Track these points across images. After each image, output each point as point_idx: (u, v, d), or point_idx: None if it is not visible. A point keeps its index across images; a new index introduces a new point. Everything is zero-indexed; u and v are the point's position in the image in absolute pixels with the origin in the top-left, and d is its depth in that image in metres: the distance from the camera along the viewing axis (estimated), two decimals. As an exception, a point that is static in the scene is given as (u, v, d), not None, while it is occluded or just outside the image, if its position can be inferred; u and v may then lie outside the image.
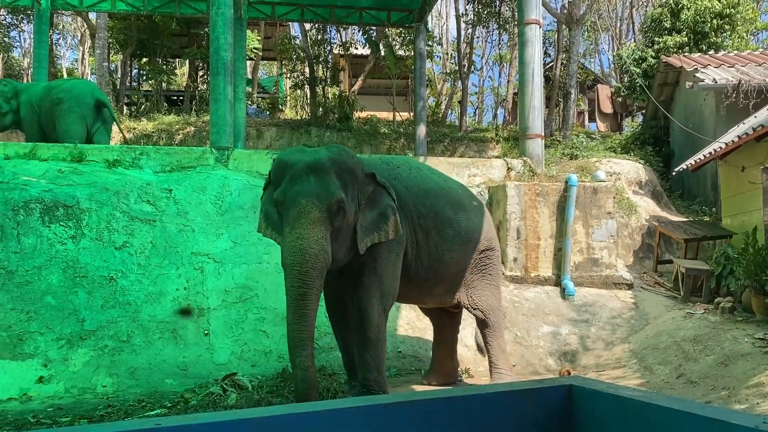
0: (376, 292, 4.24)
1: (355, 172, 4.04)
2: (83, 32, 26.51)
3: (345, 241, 3.99)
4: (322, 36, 21.08)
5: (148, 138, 17.20)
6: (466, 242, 4.92)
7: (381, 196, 4.17)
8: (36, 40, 14.94)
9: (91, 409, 4.65)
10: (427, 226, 4.63)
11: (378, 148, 17.34)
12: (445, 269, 4.82)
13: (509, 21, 20.42)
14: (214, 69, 8.49)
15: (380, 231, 4.10)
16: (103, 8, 15.67)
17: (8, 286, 5.73)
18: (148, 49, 21.30)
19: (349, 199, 3.91)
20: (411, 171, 4.85)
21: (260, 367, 5.75)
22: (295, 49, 21.65)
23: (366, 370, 4.24)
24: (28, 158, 7.27)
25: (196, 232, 6.74)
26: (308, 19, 17.03)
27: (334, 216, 3.79)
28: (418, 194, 4.66)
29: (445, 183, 5.06)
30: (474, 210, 5.13)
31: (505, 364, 5.27)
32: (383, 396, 1.64)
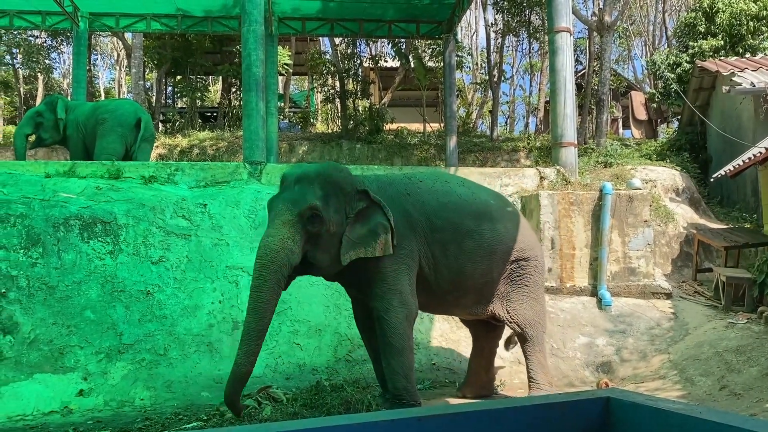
0: (393, 300, 4.29)
1: (340, 185, 4.28)
2: (120, 52, 27.22)
3: (328, 250, 4.19)
4: (351, 50, 21.26)
5: (183, 154, 17.53)
6: (491, 253, 4.82)
7: (374, 214, 4.30)
8: (75, 61, 15.41)
9: (130, 422, 4.71)
10: (443, 239, 4.61)
11: (408, 160, 17.36)
12: (469, 281, 4.77)
13: (539, 29, 20.30)
14: (247, 85, 8.62)
15: (367, 247, 4.23)
16: (138, 28, 16.08)
17: (49, 301, 5.87)
18: (183, 67, 21.77)
19: (330, 210, 4.16)
20: (435, 184, 4.84)
21: (294, 379, 5.77)
22: (326, 64, 21.86)
23: (394, 379, 4.26)
24: (67, 176, 7.46)
25: (230, 245, 6.82)
26: (338, 34, 17.19)
27: (308, 222, 4.04)
28: (435, 208, 4.65)
29: (471, 195, 4.97)
30: (503, 220, 4.99)
31: (545, 380, 5.11)
32: (417, 409, 1.63)
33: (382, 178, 4.82)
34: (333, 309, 6.54)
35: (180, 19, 15.36)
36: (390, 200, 4.44)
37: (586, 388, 6.05)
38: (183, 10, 15.10)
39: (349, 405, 4.65)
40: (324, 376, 5.73)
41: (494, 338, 5.52)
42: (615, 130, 22.08)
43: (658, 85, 17.03)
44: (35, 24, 15.55)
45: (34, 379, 5.34)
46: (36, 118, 10.08)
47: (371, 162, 17.19)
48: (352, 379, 5.57)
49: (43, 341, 5.60)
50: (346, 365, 6.07)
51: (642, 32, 27.25)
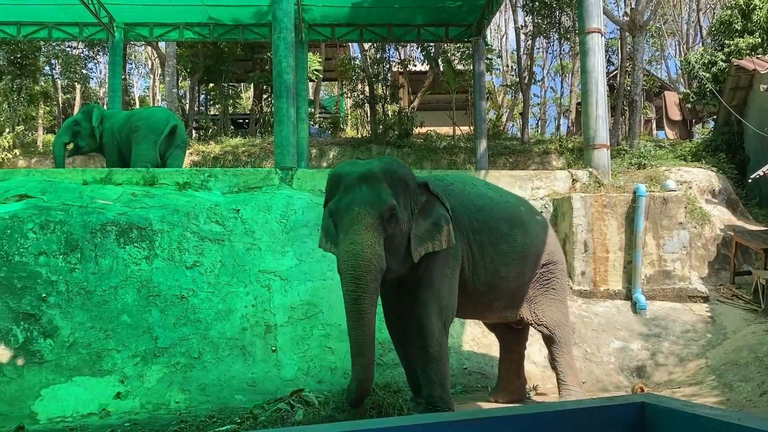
0: (435, 306, 4.22)
1: (406, 181, 4.10)
2: (154, 61, 27.76)
3: (399, 250, 4.02)
4: (381, 55, 21.33)
5: (216, 160, 17.79)
6: (524, 257, 4.81)
7: (434, 206, 4.20)
8: (111, 70, 15.76)
9: (165, 424, 4.79)
10: (481, 241, 4.59)
11: (438, 163, 17.32)
12: (503, 284, 4.75)
13: (570, 30, 20.11)
14: (278, 91, 8.71)
15: (434, 240, 4.11)
16: (171, 37, 16.37)
17: (87, 306, 6.00)
18: (215, 75, 22.09)
19: (401, 207, 3.96)
20: (465, 187, 4.81)
21: (326, 383, 5.80)
22: (355, 69, 21.97)
23: (430, 387, 4.21)
24: (104, 183, 7.64)
25: (262, 250, 6.89)
26: (367, 39, 17.27)
27: (387, 223, 3.84)
28: (471, 210, 4.63)
29: (500, 198, 4.98)
30: (532, 224, 5.00)
31: (574, 381, 5.12)
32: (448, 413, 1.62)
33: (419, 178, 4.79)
34: (364, 313, 6.55)
35: (212, 27, 15.60)
36: None
37: (620, 393, 5.95)
38: (215, 19, 15.34)
39: (381, 409, 4.65)
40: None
41: (521, 342, 5.50)
42: (648, 131, 21.71)
43: (693, 84, 16.72)
44: (72, 35, 15.96)
45: (74, 381, 5.47)
46: (73, 127, 10.37)
47: (401, 166, 17.15)
48: (383, 382, 5.57)
49: (82, 345, 5.73)
50: (377, 369, 6.06)
51: (675, 31, 26.76)
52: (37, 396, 5.28)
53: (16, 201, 6.90)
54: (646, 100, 20.53)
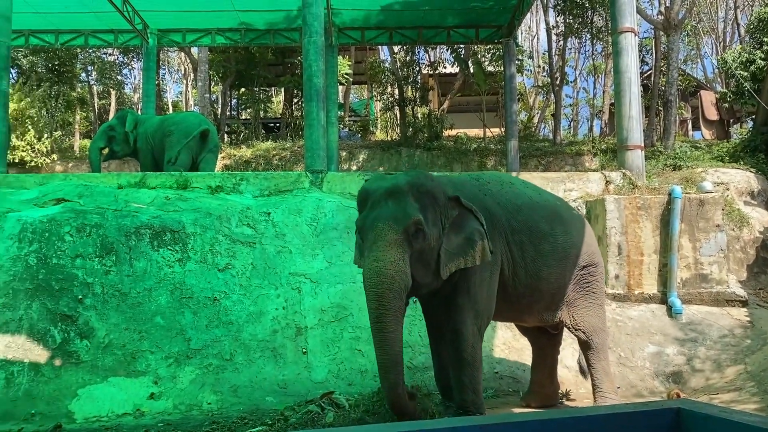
0: (470, 312, 4.15)
1: (435, 194, 3.97)
2: (186, 66, 28.21)
3: (429, 265, 3.91)
4: (410, 57, 21.33)
5: (247, 164, 17.98)
6: (565, 258, 4.69)
7: (467, 220, 4.05)
8: (144, 76, 16.08)
9: (198, 425, 4.85)
10: (521, 241, 4.48)
11: (468, 166, 17.24)
12: (544, 286, 4.63)
13: (602, 30, 19.83)
14: (308, 95, 8.77)
15: (466, 256, 3.98)
16: (204, 43, 16.62)
17: (122, 307, 6.11)
18: (246, 80, 22.35)
19: (429, 222, 3.84)
20: (502, 186, 4.70)
21: (356, 386, 5.80)
22: (385, 72, 22.00)
23: (462, 392, 4.17)
24: (138, 187, 7.77)
25: (293, 253, 6.93)
26: (397, 42, 17.29)
27: (413, 238, 3.73)
28: (510, 210, 4.51)
29: (539, 197, 4.85)
30: (572, 224, 4.86)
31: (610, 387, 4.99)
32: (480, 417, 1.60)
33: (455, 179, 4.66)
34: (394, 316, 6.54)
35: (243, 32, 15.80)
36: (469, 200, 4.23)
37: (655, 398, 5.83)
38: (246, 24, 15.53)
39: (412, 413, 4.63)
40: (384, 385, 5.73)
41: (555, 346, 5.39)
42: (684, 131, 21.29)
43: (730, 83, 16.34)
44: (108, 42, 16.33)
45: (109, 382, 5.57)
46: (108, 132, 10.61)
47: (431, 168, 17.15)
48: (414, 386, 5.54)
49: (117, 346, 5.83)
50: (408, 372, 6.06)
51: (712, 30, 26.20)
52: (74, 396, 5.38)
53: (53, 205, 7.07)
54: (682, 100, 20.14)
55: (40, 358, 5.61)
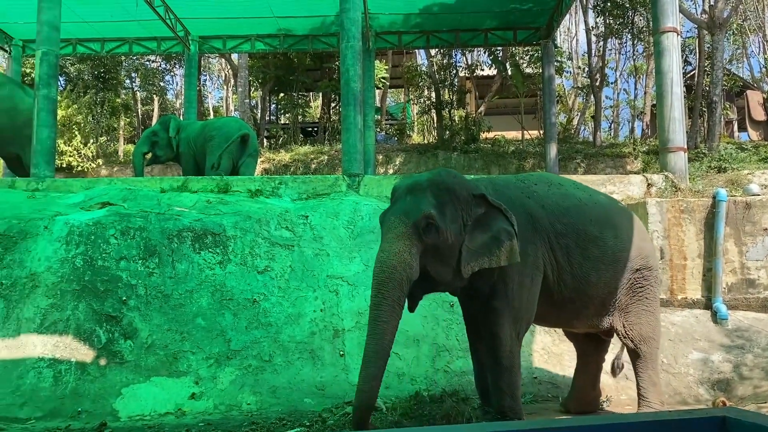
0: (508, 317, 4.09)
1: (455, 191, 3.95)
2: (227, 72, 28.69)
3: (448, 262, 3.88)
4: (447, 60, 21.29)
5: (286, 168, 18.20)
6: (615, 261, 4.51)
7: (495, 219, 3.97)
8: (186, 82, 16.43)
9: (237, 425, 4.91)
10: (568, 245, 4.34)
11: (506, 168, 17.11)
12: (593, 291, 4.47)
13: (643, 31, 19.47)
14: (345, 100, 8.83)
15: (491, 256, 3.90)
16: (244, 49, 16.90)
17: (165, 309, 6.24)
18: (285, 85, 22.64)
19: (447, 218, 3.83)
20: (550, 188, 4.56)
21: (393, 389, 5.80)
22: (421, 75, 22.00)
23: (500, 397, 4.13)
24: (180, 190, 7.93)
25: (330, 256, 6.98)
26: (434, 45, 17.28)
27: (424, 232, 3.73)
28: (556, 212, 4.38)
29: (590, 198, 4.66)
30: (624, 226, 4.67)
31: (656, 399, 4.76)
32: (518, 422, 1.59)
33: (497, 180, 4.61)
34: (431, 319, 6.53)
35: (282, 38, 16.01)
36: (510, 202, 4.18)
37: (700, 406, 5.68)
38: (285, 30, 15.74)
39: (449, 416, 4.61)
40: (422, 387, 5.73)
41: (601, 353, 5.22)
42: (729, 132, 20.71)
43: (779, 83, 15.81)
44: (151, 49, 16.75)
45: (152, 381, 5.69)
46: (151, 138, 10.90)
47: (467, 171, 17.08)
48: (450, 390, 5.53)
49: (159, 346, 5.96)
50: (445, 376, 6.04)
51: (759, 28, 25.45)
52: (118, 395, 5.52)
53: (99, 208, 7.27)
54: (727, 100, 19.60)
55: (86, 357, 5.76)
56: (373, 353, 3.63)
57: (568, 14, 18.86)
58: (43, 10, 8.88)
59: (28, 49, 15.82)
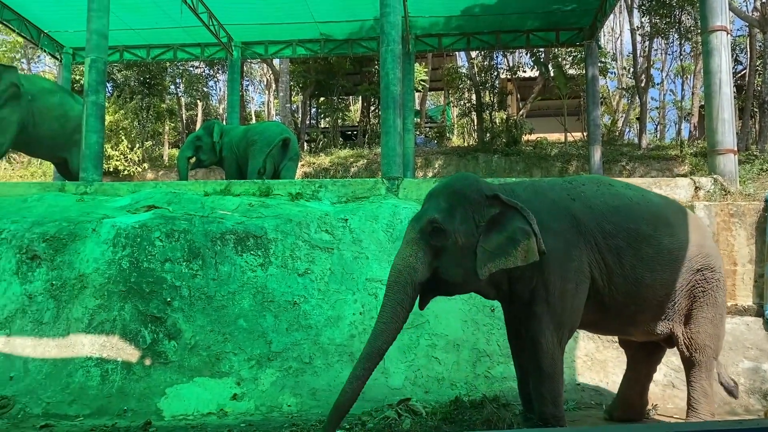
0: (550, 322, 4.02)
1: (465, 193, 4.02)
2: (269, 77, 29.10)
3: (461, 263, 3.94)
4: (488, 62, 21.14)
5: (326, 171, 18.34)
6: (671, 262, 4.28)
7: (512, 219, 3.93)
8: (229, 87, 16.71)
9: (278, 426, 4.95)
10: (618, 246, 4.17)
11: (549, 171, 16.88)
12: (648, 293, 4.25)
13: (691, 30, 18.98)
14: (385, 103, 8.84)
15: (508, 256, 3.87)
16: (285, 54, 17.10)
17: (208, 310, 6.34)
18: (325, 89, 22.83)
19: (455, 221, 3.93)
20: (599, 188, 4.43)
21: (433, 393, 5.77)
22: (462, 78, 21.89)
23: (542, 404, 4.06)
24: (223, 194, 8.06)
25: (369, 259, 6.99)
26: (474, 47, 17.19)
27: (431, 237, 3.91)
28: (604, 212, 4.23)
29: (642, 198, 4.48)
30: (681, 224, 4.44)
31: (707, 410, 4.54)
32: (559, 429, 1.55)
33: (542, 182, 4.57)
34: (471, 324, 6.48)
35: (323, 43, 16.15)
36: (553, 204, 4.16)
37: (751, 417, 5.48)
38: (325, 35, 15.87)
39: (490, 422, 4.56)
40: (463, 392, 5.68)
41: (655, 362, 5.00)
42: (783, 133, 19.98)
43: (836, 81, 15.19)
44: (195, 55, 17.10)
45: (195, 382, 5.78)
46: (195, 143, 11.15)
47: (509, 174, 16.93)
48: (491, 395, 5.47)
49: (202, 347, 6.05)
50: (485, 381, 5.98)
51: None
52: (162, 394, 5.63)
53: (145, 211, 7.44)
54: (780, 100, 18.92)
55: (132, 357, 5.90)
56: (365, 354, 3.82)
57: (612, 14, 18.51)
58: (92, 18, 9.14)
59: (77, 56, 16.34)
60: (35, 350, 5.95)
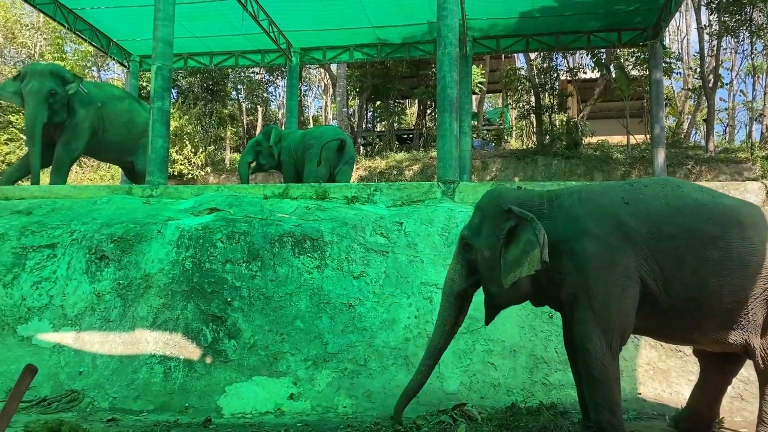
0: (596, 328, 3.94)
1: (487, 209, 4.40)
2: (326, 82, 29.47)
3: (491, 275, 4.31)
4: (548, 64, 20.80)
5: (382, 175, 18.42)
6: (742, 266, 3.97)
7: (524, 230, 4.12)
8: (288, 93, 17.03)
9: (334, 427, 4.99)
10: (677, 248, 3.98)
11: (610, 175, 16.47)
12: (714, 299, 3.99)
13: (763, 27, 18.16)
14: (441, 106, 8.82)
15: (521, 266, 4.08)
16: (342, 59, 17.30)
17: (266, 311, 6.47)
18: (381, 93, 22.96)
19: (481, 236, 4.35)
20: (664, 189, 4.25)
21: (489, 399, 5.71)
22: (520, 80, 21.62)
23: (597, 411, 3.97)
24: (281, 197, 8.21)
25: (424, 262, 6.98)
26: (533, 49, 16.93)
27: (464, 251, 4.43)
28: (663, 213, 4.07)
29: (711, 199, 4.22)
30: (756, 226, 4.10)
31: None
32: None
33: (593, 187, 4.46)
34: (528, 330, 6.38)
35: (380, 47, 16.25)
36: (597, 209, 4.10)
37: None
38: (382, 39, 15.97)
39: (547, 430, 4.48)
40: (519, 398, 5.60)
41: (729, 374, 4.66)
42: None
43: None
44: (255, 62, 17.50)
45: (253, 381, 5.90)
46: (255, 148, 11.48)
47: (569, 178, 16.60)
48: (548, 403, 5.37)
49: (261, 347, 6.17)
50: (543, 388, 5.87)
51: None
52: (222, 392, 5.76)
53: (207, 214, 7.65)
54: None
55: (194, 355, 6.07)
56: (428, 350, 4.62)
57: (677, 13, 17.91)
58: (158, 27, 9.48)
59: (144, 64, 16.97)
60: (103, 347, 6.20)
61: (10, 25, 25.50)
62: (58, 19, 14.55)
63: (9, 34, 25.65)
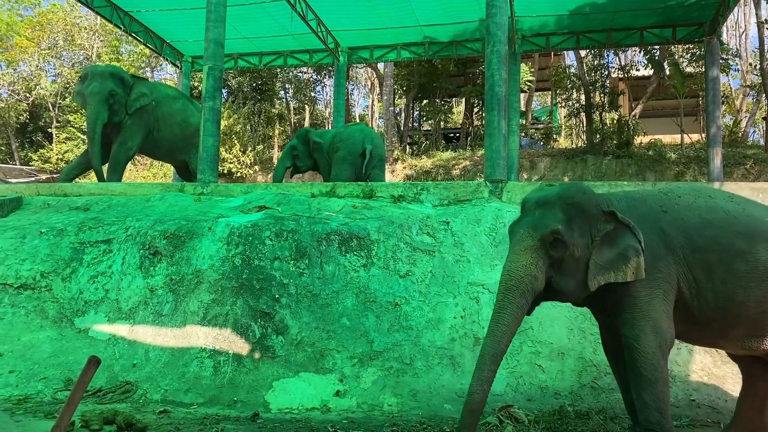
0: (646, 327, 3.94)
1: (584, 207, 4.10)
2: (373, 81, 29.58)
3: (574, 275, 4.04)
4: (598, 61, 20.38)
5: (428, 174, 18.38)
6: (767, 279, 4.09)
7: (623, 236, 4.02)
8: (335, 92, 17.16)
9: (379, 425, 5.01)
10: (708, 261, 4.08)
11: (663, 175, 16.04)
12: (740, 310, 4.11)
13: (828, 20, 17.37)
14: (489, 104, 8.74)
15: (617, 271, 3.98)
16: (389, 58, 17.32)
17: (313, 308, 6.54)
18: (428, 92, 22.89)
19: (574, 233, 4.01)
20: (697, 199, 4.32)
21: (536, 401, 5.64)
22: (570, 77, 21.24)
23: (646, 412, 3.90)
24: (329, 196, 8.29)
25: (471, 262, 6.94)
26: (584, 46, 16.61)
27: (551, 247, 3.96)
28: (696, 225, 4.15)
29: (741, 212, 4.30)
30: None
31: None
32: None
33: (633, 194, 4.48)
34: (577, 332, 6.27)
35: (427, 46, 16.21)
36: (642, 218, 4.13)
37: None
38: (429, 38, 15.92)
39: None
40: (567, 401, 5.51)
41: None
42: None
43: None
44: (303, 61, 17.70)
45: (300, 377, 5.97)
46: (292, 152, 11.74)
47: (620, 178, 16.24)
48: (597, 407, 5.27)
49: (307, 343, 6.24)
50: (591, 392, 5.77)
51: None
52: (270, 387, 5.85)
53: (256, 211, 7.78)
54: None
55: (242, 350, 6.18)
56: (489, 356, 3.83)
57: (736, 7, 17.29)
58: (210, 29, 9.68)
59: (196, 64, 17.38)
60: (155, 340, 6.37)
61: (69, 27, 26.50)
62: (114, 22, 15.03)
63: (68, 36, 26.66)
